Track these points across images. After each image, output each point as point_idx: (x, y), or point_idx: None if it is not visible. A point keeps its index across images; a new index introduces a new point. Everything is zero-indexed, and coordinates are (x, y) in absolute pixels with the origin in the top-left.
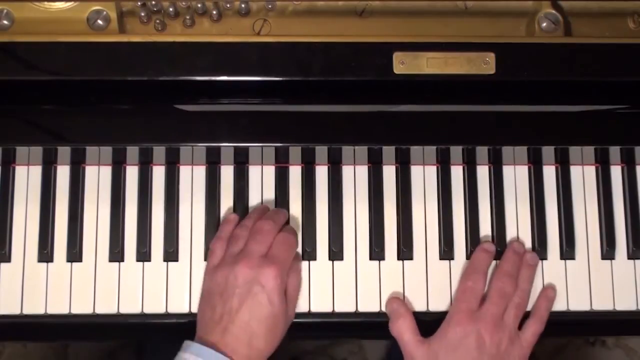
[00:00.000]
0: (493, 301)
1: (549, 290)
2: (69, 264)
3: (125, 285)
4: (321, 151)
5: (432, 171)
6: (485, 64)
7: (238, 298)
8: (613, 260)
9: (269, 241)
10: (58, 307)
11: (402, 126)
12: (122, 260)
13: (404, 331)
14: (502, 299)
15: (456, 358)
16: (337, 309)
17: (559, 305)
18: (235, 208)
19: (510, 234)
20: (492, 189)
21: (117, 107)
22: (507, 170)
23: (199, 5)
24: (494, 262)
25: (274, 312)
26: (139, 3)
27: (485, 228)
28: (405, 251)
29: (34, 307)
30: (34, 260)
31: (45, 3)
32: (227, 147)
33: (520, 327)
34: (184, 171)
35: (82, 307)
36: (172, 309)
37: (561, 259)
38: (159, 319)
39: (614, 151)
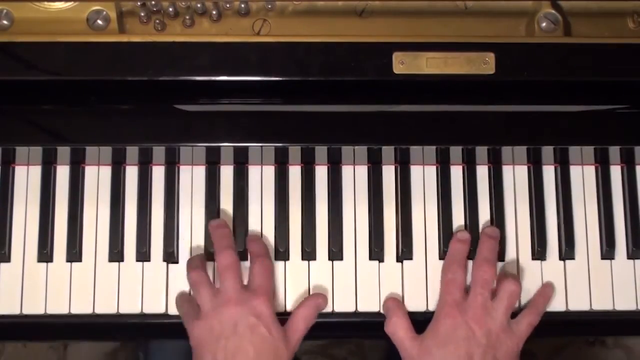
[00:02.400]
0: (477, 291)
1: (547, 288)
2: (69, 264)
3: (125, 285)
4: (321, 151)
5: (432, 171)
6: (485, 64)
7: (238, 336)
8: (613, 260)
9: (238, 271)
10: (58, 307)
11: (402, 126)
12: (122, 260)
13: (398, 329)
14: (485, 287)
15: (448, 351)
16: (337, 309)
17: (559, 305)
18: (234, 208)
19: (510, 233)
20: (491, 189)
21: (117, 107)
22: (507, 170)
23: (199, 5)
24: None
25: (275, 341)
26: (139, 3)
27: None
28: (404, 251)
29: (34, 307)
30: (34, 260)
31: (45, 3)
32: (227, 147)
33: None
34: (184, 171)
35: (82, 307)
36: (172, 309)
37: (561, 259)
38: (158, 319)
39: (614, 151)
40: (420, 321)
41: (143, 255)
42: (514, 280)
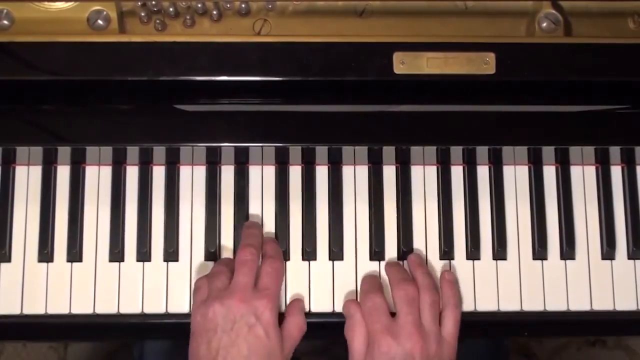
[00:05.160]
0: (404, 311)
1: (446, 274)
2: (69, 264)
3: (125, 285)
4: (321, 151)
5: (432, 171)
6: (485, 64)
7: (235, 332)
8: (613, 261)
9: (254, 270)
10: (58, 307)
11: (402, 126)
12: (122, 260)
13: (355, 337)
14: (411, 305)
15: None
16: (337, 309)
17: (559, 305)
18: (235, 208)
19: (510, 234)
20: (492, 189)
21: (117, 107)
22: (507, 170)
23: (199, 5)
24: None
25: (271, 345)
26: (139, 3)
27: (485, 228)
28: (405, 251)
29: (34, 307)
30: (34, 260)
31: (45, 3)
32: (227, 147)
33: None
34: (184, 171)
35: (82, 307)
36: (172, 309)
37: (561, 259)
38: (159, 319)
39: (614, 151)
40: None
41: (143, 255)
42: (429, 290)
